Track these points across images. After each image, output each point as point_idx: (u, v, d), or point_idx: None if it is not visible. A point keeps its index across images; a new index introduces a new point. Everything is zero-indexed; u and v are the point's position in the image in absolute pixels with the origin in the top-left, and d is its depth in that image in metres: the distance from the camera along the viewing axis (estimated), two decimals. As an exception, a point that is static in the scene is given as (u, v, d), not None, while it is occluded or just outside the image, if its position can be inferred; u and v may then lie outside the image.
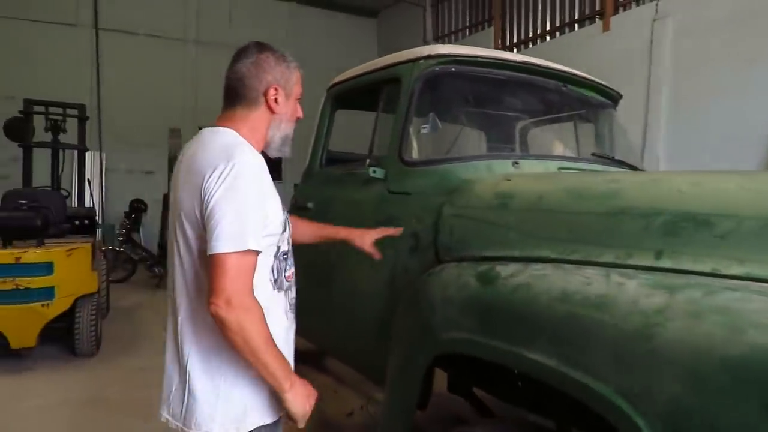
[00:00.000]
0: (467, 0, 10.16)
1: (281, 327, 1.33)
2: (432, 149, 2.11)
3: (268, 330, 1.17)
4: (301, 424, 1.26)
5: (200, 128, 1.35)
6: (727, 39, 5.69)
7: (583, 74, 2.39)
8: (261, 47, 1.32)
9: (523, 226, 1.51)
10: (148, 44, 10.47)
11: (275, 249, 1.29)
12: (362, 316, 2.06)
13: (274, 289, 1.31)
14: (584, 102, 2.47)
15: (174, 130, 10.94)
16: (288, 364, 1.24)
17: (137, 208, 8.06)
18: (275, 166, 10.80)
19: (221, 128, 1.28)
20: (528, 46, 8.75)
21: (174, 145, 10.98)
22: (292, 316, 1.44)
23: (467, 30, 10.21)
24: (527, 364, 1.23)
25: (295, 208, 2.61)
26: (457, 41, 10.48)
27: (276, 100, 1.29)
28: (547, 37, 8.40)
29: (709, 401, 0.91)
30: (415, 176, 1.97)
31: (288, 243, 1.38)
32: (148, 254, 7.68)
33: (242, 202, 1.14)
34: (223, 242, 1.11)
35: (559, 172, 1.83)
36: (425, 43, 11.06)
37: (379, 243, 2.00)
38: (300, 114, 1.40)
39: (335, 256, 2.26)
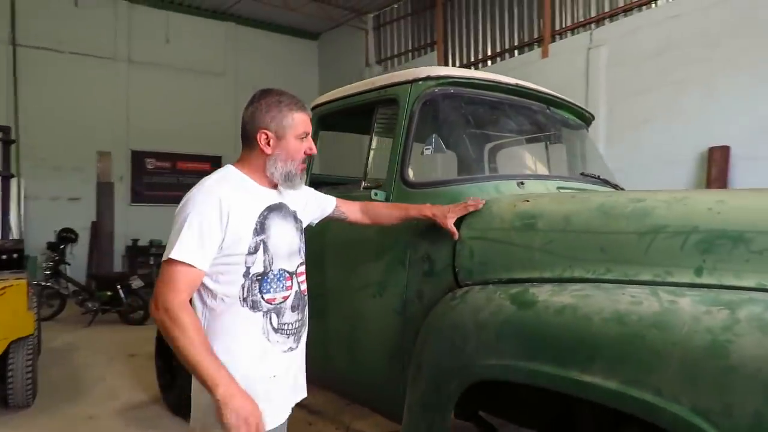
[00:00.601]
0: (409, 24, 10.40)
1: (253, 347, 1.40)
2: (433, 171, 2.08)
3: (196, 335, 1.26)
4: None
5: (132, 151, 1.44)
6: (658, 67, 6.17)
7: (564, 97, 2.47)
8: (263, 94, 1.52)
9: (552, 246, 1.51)
10: (74, 63, 9.82)
11: (243, 269, 1.39)
12: (370, 346, 1.97)
13: (244, 307, 1.39)
14: (564, 123, 2.55)
15: (103, 153, 10.33)
16: (222, 371, 1.26)
17: (66, 237, 7.42)
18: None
19: (226, 166, 1.52)
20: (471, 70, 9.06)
21: (103, 169, 10.39)
22: (281, 338, 1.46)
23: (410, 53, 10.42)
24: (583, 388, 1.20)
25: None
26: (400, 65, 10.67)
27: (268, 143, 1.46)
28: (489, 62, 8.75)
29: (797, 416, 0.92)
30: (420, 198, 1.93)
31: (267, 265, 1.43)
32: (80, 288, 7.07)
33: (181, 221, 1.33)
34: (165, 251, 1.33)
35: (566, 192, 1.86)
36: (368, 66, 11.19)
37: (386, 266, 1.94)
38: (310, 150, 1.53)
39: (333, 282, 2.16)
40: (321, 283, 2.17)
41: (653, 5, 6.60)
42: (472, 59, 9.07)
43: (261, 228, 1.43)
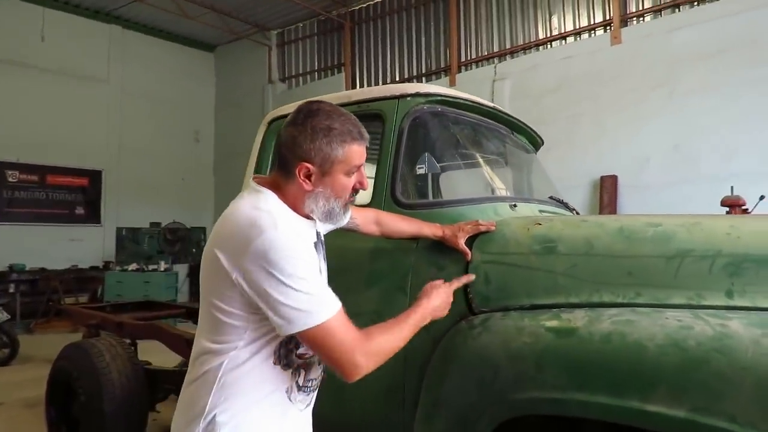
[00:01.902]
0: (315, 43, 10.32)
1: (273, 409, 1.21)
2: (423, 191, 1.99)
3: (384, 326, 1.23)
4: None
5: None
6: (555, 101, 6.76)
7: (528, 123, 2.55)
8: (310, 113, 1.21)
9: (576, 271, 1.48)
10: None
11: None
12: (363, 382, 1.79)
13: (277, 364, 1.20)
14: (524, 148, 2.63)
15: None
16: (413, 313, 1.30)
17: None
18: (93, 208, 9.27)
19: (264, 191, 1.22)
20: (378, 94, 9.21)
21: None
22: (301, 397, 1.27)
23: (316, 73, 10.33)
24: (646, 418, 1.17)
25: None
26: (305, 84, 10.52)
27: (309, 177, 1.20)
28: (397, 87, 8.96)
29: None
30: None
31: None
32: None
33: (290, 276, 1.09)
34: (294, 321, 1.10)
35: (574, 217, 1.87)
36: (271, 83, 10.88)
37: (383, 293, 1.79)
38: (360, 185, 1.29)
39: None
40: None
41: (549, 46, 7.25)
42: (380, 83, 9.22)
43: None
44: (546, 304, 1.49)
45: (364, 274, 1.84)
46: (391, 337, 1.21)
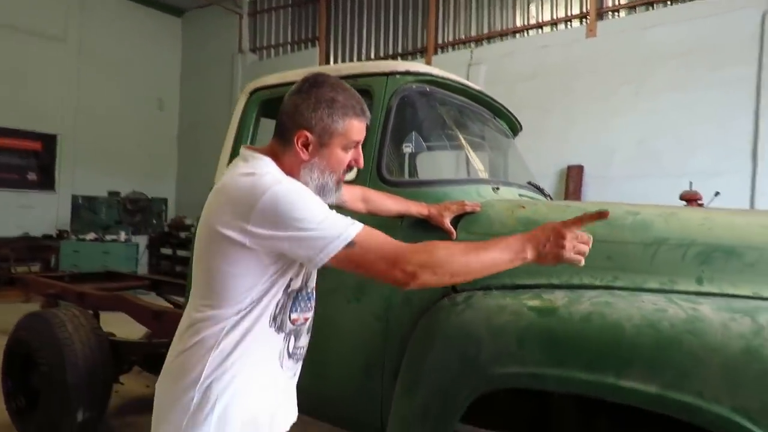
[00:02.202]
0: (290, 15, 10.06)
1: (267, 373, 1.22)
2: (409, 169, 2.00)
3: (463, 248, 1.17)
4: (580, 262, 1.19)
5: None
6: (528, 90, 6.85)
7: (509, 109, 2.59)
8: (316, 83, 1.22)
9: (558, 253, 1.53)
10: None
11: (287, 282, 1.20)
12: (342, 355, 1.81)
13: (272, 327, 1.20)
14: (504, 133, 2.67)
15: None
16: (501, 242, 1.18)
17: None
18: (47, 174, 8.87)
19: (261, 157, 1.21)
20: (352, 72, 9.10)
21: None
22: (290, 364, 1.30)
23: (289, 46, 10.09)
24: (620, 392, 1.23)
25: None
26: (277, 56, 10.28)
27: (306, 146, 1.21)
28: (371, 66, 8.87)
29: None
30: (400, 196, 1.83)
31: (304, 283, 1.27)
32: None
33: (306, 212, 1.10)
34: (331, 244, 1.09)
35: (558, 201, 1.92)
36: (241, 52, 10.57)
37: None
38: (355, 163, 1.29)
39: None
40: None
41: (526, 34, 7.32)
42: (355, 60, 9.10)
43: None
44: (527, 284, 1.54)
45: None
46: (457, 258, 1.12)
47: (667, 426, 1.54)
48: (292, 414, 1.38)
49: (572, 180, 6.41)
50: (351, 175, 1.95)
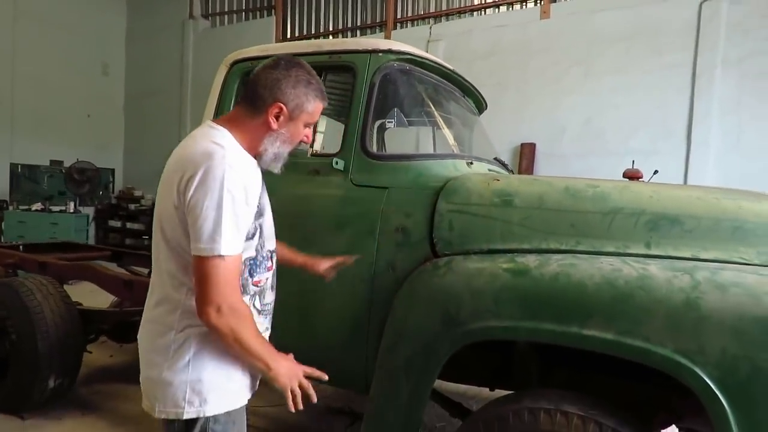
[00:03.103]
0: (245, -19, 9.74)
1: None
2: (389, 144, 2.12)
3: (256, 326, 1.29)
4: (290, 403, 1.30)
5: None
6: (485, 67, 7.04)
7: (476, 87, 2.74)
8: (291, 65, 1.37)
9: (529, 222, 1.72)
10: None
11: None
12: (329, 315, 1.95)
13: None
14: (471, 110, 2.83)
15: None
16: (271, 348, 1.31)
17: None
18: None
19: (220, 128, 1.33)
20: (310, 43, 8.97)
21: None
22: (261, 320, 1.45)
23: (243, 13, 9.80)
24: (582, 339, 1.44)
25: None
26: (231, 24, 9.97)
27: (277, 117, 1.34)
28: (330, 37, 8.79)
29: (750, 348, 1.28)
30: (386, 171, 1.96)
31: (259, 249, 1.40)
32: None
33: (212, 205, 1.19)
34: (199, 242, 1.19)
35: (525, 176, 2.10)
36: (192, 18, 10.17)
37: (351, 237, 1.93)
38: (307, 139, 1.45)
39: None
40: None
41: (483, 13, 7.48)
42: (312, 32, 8.99)
43: (260, 211, 1.38)
44: (502, 249, 1.71)
45: (333, 219, 1.97)
46: (243, 336, 1.22)
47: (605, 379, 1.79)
48: None
49: (525, 157, 6.71)
50: (335, 149, 2.06)
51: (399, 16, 8.09)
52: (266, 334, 1.49)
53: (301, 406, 1.30)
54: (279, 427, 2.93)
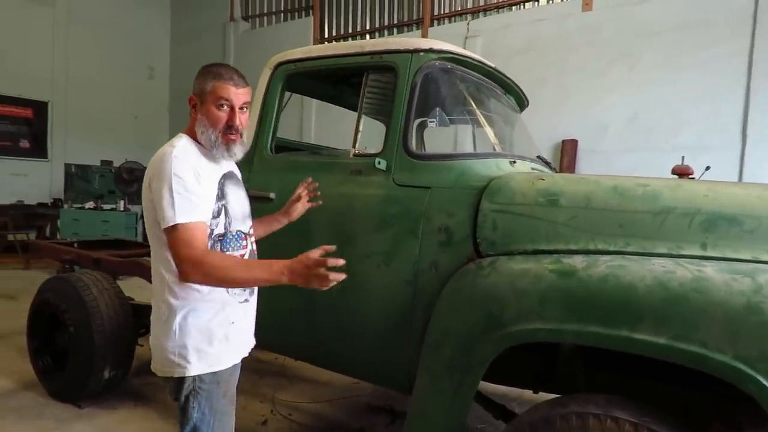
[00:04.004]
0: (283, -17, 9.90)
1: (215, 299, 1.54)
2: (432, 144, 2.11)
3: (230, 259, 1.50)
4: (324, 286, 1.40)
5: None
6: (524, 63, 6.92)
7: (519, 85, 2.70)
8: (207, 65, 1.59)
9: (575, 222, 1.68)
10: None
11: (207, 230, 1.52)
12: (372, 315, 1.96)
13: None
14: (513, 108, 2.79)
15: None
16: (266, 264, 1.44)
17: None
18: (39, 142, 8.84)
19: (180, 135, 1.59)
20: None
21: None
22: (238, 291, 1.61)
23: (283, 15, 9.96)
24: (632, 344, 1.40)
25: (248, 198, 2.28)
26: (270, 25, 10.15)
27: (194, 107, 1.58)
28: (367, 37, 8.82)
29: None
30: (428, 170, 1.96)
31: (227, 227, 1.60)
32: None
33: (163, 191, 1.43)
34: (162, 221, 1.43)
35: (574, 175, 2.06)
36: (233, 20, 10.41)
37: (393, 237, 1.94)
38: (231, 121, 1.55)
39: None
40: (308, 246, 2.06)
41: (522, 6, 7.34)
42: (350, 31, 9.05)
43: (222, 194, 1.58)
44: (547, 249, 1.68)
45: (375, 219, 1.98)
46: (235, 270, 1.41)
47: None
48: (251, 339, 1.75)
49: (566, 154, 6.57)
50: (377, 148, 2.06)
51: (436, 13, 8.04)
52: (246, 305, 1.65)
53: (336, 279, 1.38)
54: (320, 423, 2.98)
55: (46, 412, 2.92)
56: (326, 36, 9.28)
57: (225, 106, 1.54)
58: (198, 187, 1.47)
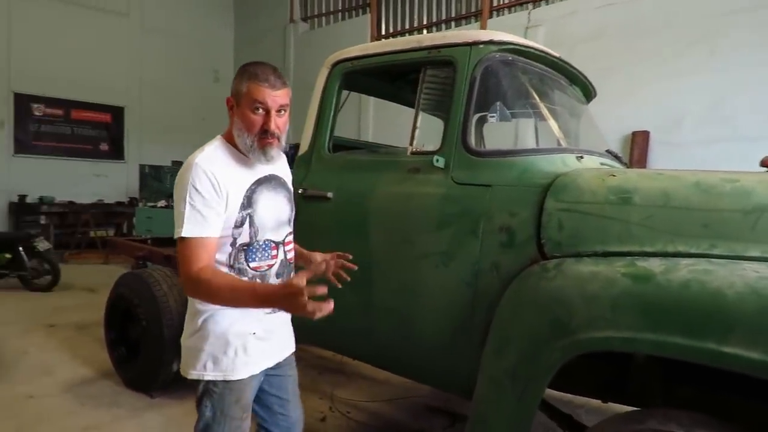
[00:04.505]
0: (341, -18, 9.97)
1: (240, 312, 1.51)
2: (492, 140, 2.03)
3: (226, 280, 1.38)
4: (316, 315, 1.25)
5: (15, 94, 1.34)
6: (589, 51, 6.58)
7: (585, 74, 2.54)
8: (247, 64, 1.51)
9: (652, 221, 1.55)
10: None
11: (230, 239, 1.49)
12: (431, 318, 1.91)
13: (231, 272, 1.50)
14: (579, 99, 2.63)
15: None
16: (265, 289, 1.35)
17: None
18: (117, 144, 9.30)
19: (216, 137, 1.56)
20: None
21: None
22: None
23: (341, 14, 10.04)
24: (721, 358, 1.26)
25: (305, 197, 2.29)
26: (328, 24, 10.26)
27: (231, 109, 1.51)
28: (424, 32, 8.72)
29: None
30: (489, 167, 1.88)
31: (253, 237, 1.53)
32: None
33: (180, 201, 1.42)
34: (175, 230, 1.41)
35: (648, 170, 1.91)
36: (292, 22, 10.61)
37: (452, 237, 1.88)
38: (267, 126, 1.47)
39: (380, 251, 2.05)
40: (362, 251, 2.04)
41: (589, -8, 6.98)
42: (407, 27, 8.98)
43: (248, 202, 1.51)
44: (619, 251, 1.56)
45: (434, 218, 1.92)
46: (221, 292, 1.35)
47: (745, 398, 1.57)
48: (283, 349, 1.71)
49: (637, 146, 6.18)
50: (436, 145, 2.00)
51: (495, 4, 7.81)
52: (271, 316, 1.59)
53: (322, 312, 1.23)
54: (378, 422, 2.96)
55: (120, 400, 3.09)
56: (383, 33, 9.26)
57: (260, 110, 1.45)
58: (215, 200, 1.42)
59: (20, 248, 5.64)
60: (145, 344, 3.05)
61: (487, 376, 1.69)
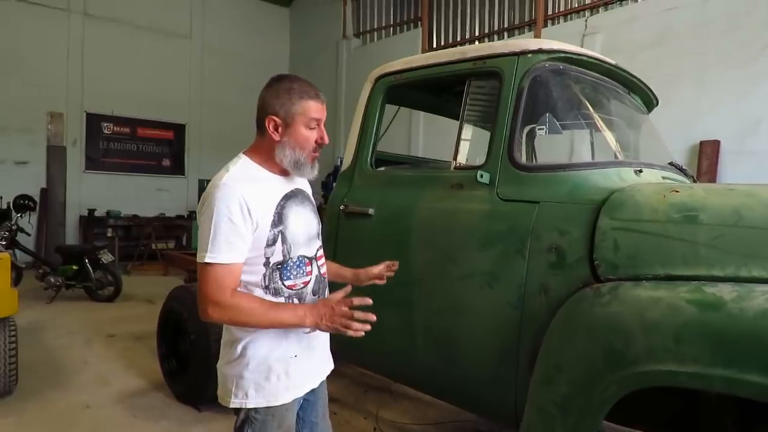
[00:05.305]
0: (392, -3, 10.06)
1: (283, 333, 1.48)
2: (539, 152, 1.92)
3: (257, 306, 1.37)
4: (348, 332, 1.35)
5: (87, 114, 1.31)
6: (652, 58, 6.25)
7: (645, 83, 2.38)
8: (278, 79, 1.49)
9: (721, 242, 1.39)
10: (22, 11, 8.86)
11: (263, 259, 1.45)
12: (475, 341, 1.81)
13: (267, 294, 1.46)
14: (638, 108, 2.46)
15: (54, 114, 9.45)
16: (295, 310, 1.39)
17: (24, 205, 6.71)
18: (178, 160, 9.66)
19: (240, 156, 1.51)
20: (456, 50, 8.90)
21: (54, 132, 9.51)
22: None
23: (392, 28, 10.11)
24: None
25: (346, 213, 2.25)
26: (380, 39, 10.36)
27: (276, 129, 1.46)
28: (477, 43, 8.62)
29: None
30: (537, 183, 1.77)
31: (287, 254, 1.49)
32: (39, 260, 6.45)
33: (206, 223, 1.37)
34: (198, 253, 1.38)
35: (718, 185, 1.76)
36: (345, 38, 10.79)
37: (498, 256, 1.78)
38: (321, 140, 1.50)
39: (421, 271, 1.97)
40: (403, 270, 1.97)
41: (650, -4, 6.66)
42: (459, 39, 8.90)
43: (279, 219, 1.47)
44: (684, 275, 1.42)
45: (479, 236, 1.83)
46: (250, 317, 1.36)
47: None
48: (322, 366, 1.66)
49: (705, 157, 5.78)
50: (481, 160, 1.92)
51: (550, 12, 7.61)
52: (311, 335, 1.53)
53: (360, 331, 1.36)
54: (424, 445, 2.86)
55: (169, 413, 3.15)
56: (435, 46, 9.23)
57: (314, 125, 1.48)
58: (242, 223, 1.38)
59: (86, 260, 5.95)
60: (193, 358, 3.10)
61: (535, 406, 1.57)
